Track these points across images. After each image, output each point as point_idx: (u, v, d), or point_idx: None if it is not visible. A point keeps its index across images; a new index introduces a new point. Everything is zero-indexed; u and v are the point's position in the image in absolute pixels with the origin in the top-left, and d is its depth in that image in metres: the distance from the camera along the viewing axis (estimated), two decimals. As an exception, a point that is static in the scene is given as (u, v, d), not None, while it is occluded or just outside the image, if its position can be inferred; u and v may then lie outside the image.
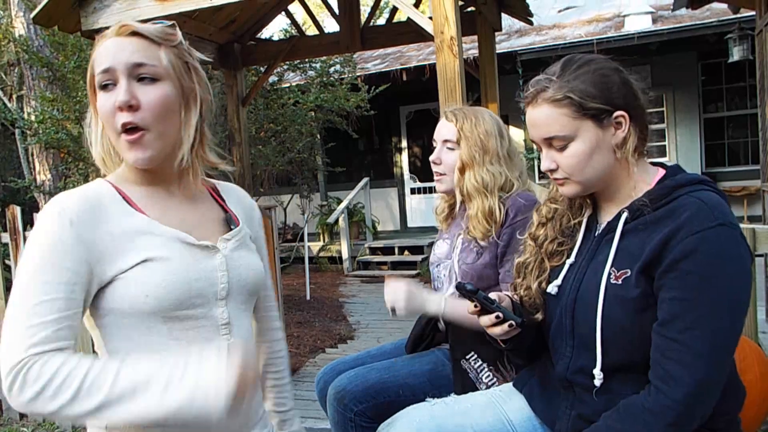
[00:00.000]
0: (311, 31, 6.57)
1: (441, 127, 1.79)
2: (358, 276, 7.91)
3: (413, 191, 10.16)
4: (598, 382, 1.14)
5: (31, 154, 6.41)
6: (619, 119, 1.13)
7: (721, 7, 6.32)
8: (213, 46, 5.04)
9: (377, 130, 9.95)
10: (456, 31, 3.08)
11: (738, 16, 6.13)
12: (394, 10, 5.37)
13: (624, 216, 1.15)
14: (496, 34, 4.78)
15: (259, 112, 6.90)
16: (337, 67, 7.49)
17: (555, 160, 1.17)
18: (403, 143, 10.21)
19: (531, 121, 1.18)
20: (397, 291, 1.59)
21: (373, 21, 5.50)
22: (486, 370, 1.61)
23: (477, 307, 1.18)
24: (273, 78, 7.00)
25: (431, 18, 3.19)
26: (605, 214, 1.23)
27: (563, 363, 1.22)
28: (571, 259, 1.25)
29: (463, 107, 1.81)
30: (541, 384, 1.33)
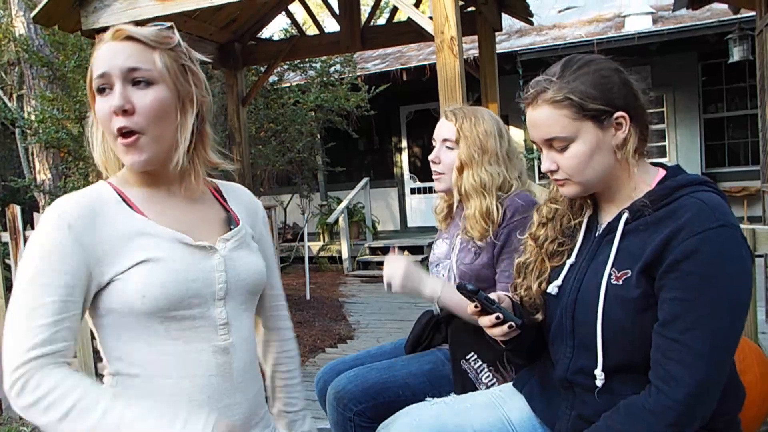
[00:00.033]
0: (311, 30, 6.57)
1: (440, 126, 1.79)
2: (358, 276, 7.91)
3: (413, 191, 10.16)
4: (599, 383, 1.14)
5: (31, 154, 6.41)
6: (620, 120, 1.13)
7: (722, 7, 6.32)
8: (213, 46, 5.04)
9: (377, 130, 9.94)
10: (456, 31, 3.08)
11: (738, 16, 6.13)
12: (395, 10, 5.37)
13: (624, 216, 1.15)
14: (497, 34, 4.77)
15: (260, 111, 6.90)
16: (338, 66, 7.49)
17: (555, 161, 1.17)
18: (403, 143, 10.20)
19: (531, 122, 1.18)
20: (396, 267, 1.60)
21: (373, 21, 5.50)
22: (486, 370, 1.60)
23: (477, 307, 1.18)
24: (273, 78, 7.00)
25: (431, 18, 3.19)
26: (606, 215, 1.23)
27: (563, 363, 1.22)
28: (572, 259, 1.25)
29: (463, 107, 1.80)
30: (541, 384, 1.32)
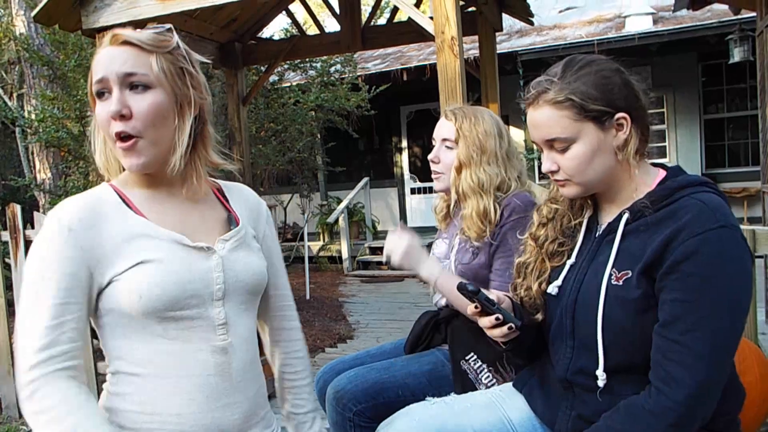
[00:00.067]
0: (312, 30, 6.56)
1: (440, 125, 1.79)
2: (358, 276, 7.91)
3: (413, 191, 10.16)
4: (601, 383, 1.14)
5: (32, 153, 6.40)
6: (621, 121, 1.13)
7: (722, 8, 6.32)
8: (214, 45, 5.04)
9: (377, 129, 9.94)
10: (457, 31, 3.07)
11: (739, 17, 6.13)
12: (395, 10, 5.37)
13: (625, 217, 1.15)
14: (497, 34, 4.76)
15: (260, 111, 6.89)
16: (338, 66, 7.47)
17: (556, 161, 1.17)
18: (404, 143, 10.20)
19: (532, 123, 1.18)
20: (398, 242, 1.62)
21: (373, 21, 5.49)
22: (486, 371, 1.60)
23: (477, 308, 1.18)
24: (273, 77, 6.99)
25: (432, 18, 3.18)
26: (606, 215, 1.23)
27: (563, 363, 1.22)
28: (572, 259, 1.25)
29: (463, 106, 1.80)
30: (541, 384, 1.32)
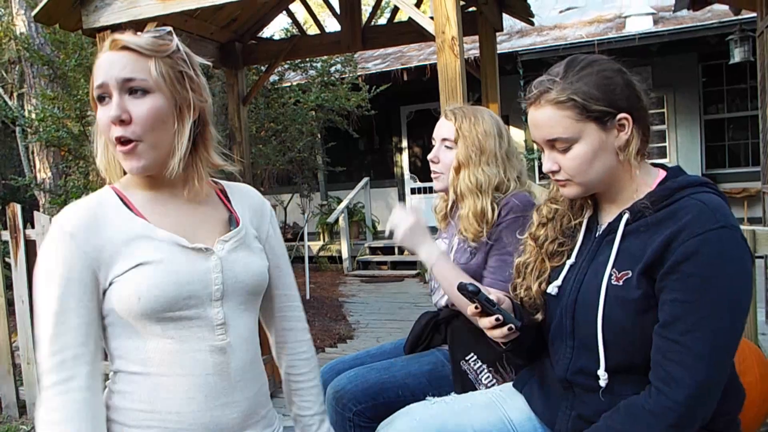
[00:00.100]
0: (312, 30, 6.55)
1: (440, 125, 1.79)
2: (358, 276, 7.91)
3: (413, 191, 10.15)
4: (603, 383, 1.14)
5: (32, 152, 6.41)
6: (623, 121, 1.13)
7: (723, 8, 6.31)
8: (214, 45, 5.04)
9: (378, 129, 9.94)
10: (457, 31, 3.07)
11: (739, 17, 6.13)
12: (395, 10, 5.37)
13: (625, 217, 1.15)
14: (497, 34, 4.76)
15: (260, 111, 6.88)
16: (338, 66, 7.47)
17: (557, 161, 1.17)
18: (404, 143, 10.20)
19: (534, 122, 1.18)
20: (404, 219, 1.64)
21: (374, 21, 5.49)
22: (486, 371, 1.60)
23: (478, 308, 1.18)
24: (274, 77, 6.99)
25: (432, 18, 3.18)
26: (606, 215, 1.23)
27: (563, 363, 1.22)
28: (572, 259, 1.25)
29: (463, 106, 1.80)
30: (540, 384, 1.32)
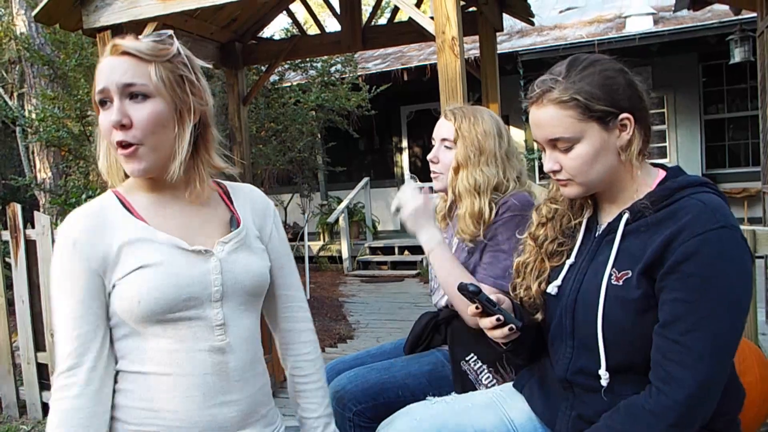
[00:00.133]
0: (312, 30, 6.55)
1: (440, 125, 1.79)
2: (358, 275, 7.91)
3: (413, 191, 10.14)
4: (604, 383, 1.14)
5: (32, 152, 6.41)
6: (625, 121, 1.13)
7: (723, 8, 6.32)
8: (214, 45, 5.05)
9: (378, 129, 9.94)
10: (457, 31, 3.07)
11: (739, 17, 6.13)
12: (396, 10, 5.38)
13: (625, 217, 1.15)
14: (498, 34, 4.77)
15: (260, 111, 6.89)
16: (338, 66, 7.48)
17: (559, 161, 1.17)
18: (404, 143, 10.20)
19: (535, 122, 1.17)
20: (412, 199, 1.66)
21: (374, 21, 5.49)
22: (486, 371, 1.60)
23: (478, 308, 1.18)
24: (274, 77, 6.99)
25: (432, 18, 3.18)
26: (606, 215, 1.23)
27: (563, 363, 1.22)
28: (571, 259, 1.25)
29: (463, 106, 1.79)
30: (540, 384, 1.32)
